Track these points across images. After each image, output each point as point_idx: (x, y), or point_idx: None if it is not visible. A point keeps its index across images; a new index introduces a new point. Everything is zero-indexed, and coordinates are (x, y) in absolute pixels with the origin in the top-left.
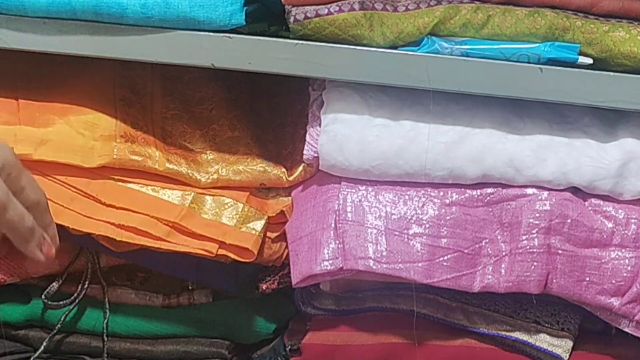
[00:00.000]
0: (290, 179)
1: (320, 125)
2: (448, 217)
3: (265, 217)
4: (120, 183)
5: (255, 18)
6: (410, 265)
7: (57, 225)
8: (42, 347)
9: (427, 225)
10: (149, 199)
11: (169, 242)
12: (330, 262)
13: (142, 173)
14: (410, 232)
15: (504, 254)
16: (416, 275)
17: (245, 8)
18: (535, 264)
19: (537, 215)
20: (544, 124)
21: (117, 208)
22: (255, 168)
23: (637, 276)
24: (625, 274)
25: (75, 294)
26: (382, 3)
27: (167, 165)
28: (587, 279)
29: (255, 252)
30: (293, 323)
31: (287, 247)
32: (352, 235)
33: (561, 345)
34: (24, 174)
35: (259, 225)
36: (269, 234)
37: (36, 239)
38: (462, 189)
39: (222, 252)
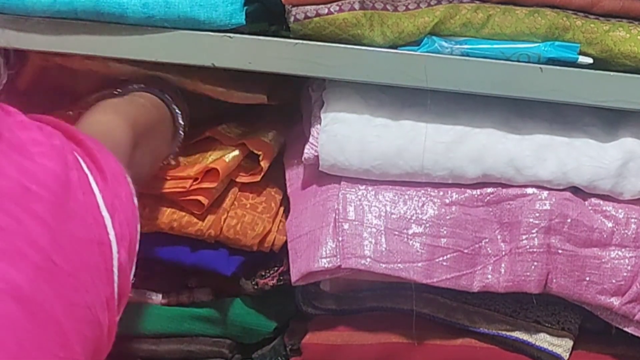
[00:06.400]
0: None
1: (320, 125)
2: (448, 217)
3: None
4: None
5: (255, 18)
6: (409, 265)
7: None
8: None
9: (427, 225)
10: None
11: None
12: (328, 259)
13: None
14: (410, 231)
15: (503, 253)
16: (416, 275)
17: (245, 8)
18: (535, 263)
19: (537, 215)
20: (544, 124)
21: None
22: None
23: (637, 276)
24: (625, 274)
25: None
26: (383, 3)
27: None
28: (587, 278)
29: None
30: (293, 323)
31: (272, 230)
32: (352, 234)
33: (561, 345)
34: None
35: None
36: (243, 199)
37: None
38: (462, 189)
39: (195, 186)
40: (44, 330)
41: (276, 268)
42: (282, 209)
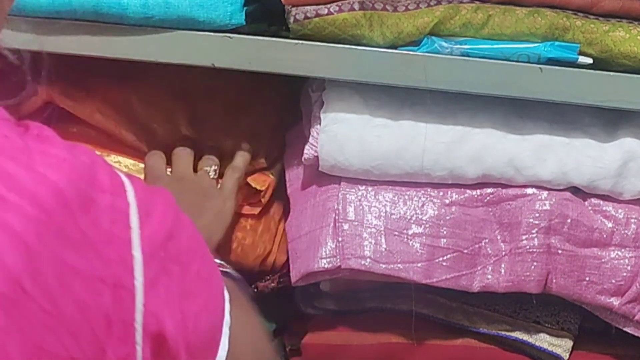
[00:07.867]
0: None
1: (320, 125)
2: (448, 217)
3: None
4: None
5: (255, 18)
6: (409, 265)
7: None
8: None
9: (427, 225)
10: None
11: None
12: (328, 260)
13: None
14: (410, 232)
15: (503, 253)
16: (415, 275)
17: (245, 8)
18: (535, 263)
19: (537, 215)
20: (544, 124)
21: None
22: None
23: (636, 276)
24: (625, 274)
25: None
26: (382, 3)
27: None
28: (587, 278)
29: None
30: (293, 323)
31: (272, 251)
32: (351, 234)
33: (561, 345)
34: None
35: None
36: (242, 221)
37: None
38: (462, 189)
39: None
40: None
41: (275, 271)
42: (281, 227)
